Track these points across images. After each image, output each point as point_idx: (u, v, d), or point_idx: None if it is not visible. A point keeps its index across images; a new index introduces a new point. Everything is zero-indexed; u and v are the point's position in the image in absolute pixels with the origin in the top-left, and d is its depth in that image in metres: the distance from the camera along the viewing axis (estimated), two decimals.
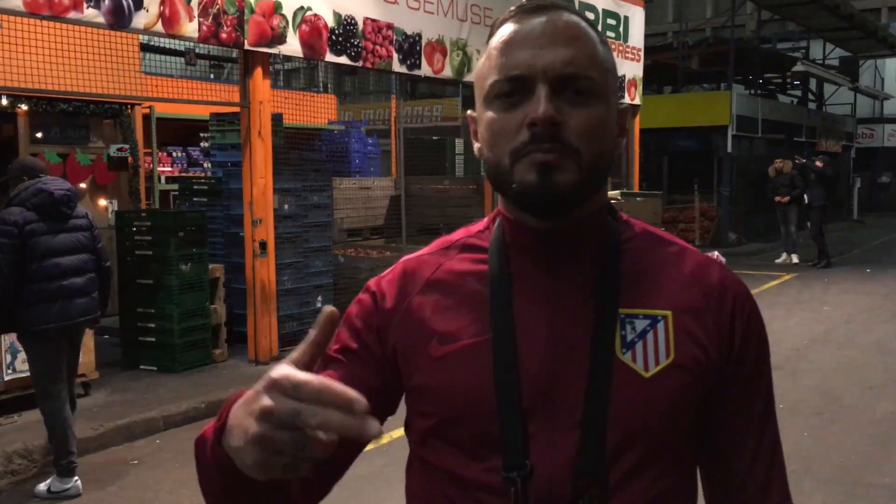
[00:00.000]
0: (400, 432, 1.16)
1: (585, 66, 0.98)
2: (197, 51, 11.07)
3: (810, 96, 23.85)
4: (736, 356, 1.04)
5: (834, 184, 13.85)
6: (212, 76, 14.31)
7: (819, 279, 12.60)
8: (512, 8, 1.03)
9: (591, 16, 10.98)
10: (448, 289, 1.06)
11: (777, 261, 14.19)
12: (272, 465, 0.71)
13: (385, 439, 4.70)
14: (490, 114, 1.00)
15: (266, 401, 0.69)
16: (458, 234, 1.14)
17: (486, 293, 1.04)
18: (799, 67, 19.78)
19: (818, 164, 13.78)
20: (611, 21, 11.47)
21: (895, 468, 4.82)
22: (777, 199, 13.65)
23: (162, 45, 9.81)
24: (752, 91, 20.63)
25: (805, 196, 13.54)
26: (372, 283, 1.12)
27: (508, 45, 1.00)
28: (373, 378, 1.05)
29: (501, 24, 1.04)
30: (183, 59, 11.11)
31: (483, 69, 1.03)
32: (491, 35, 1.04)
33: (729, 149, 17.32)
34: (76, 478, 4.55)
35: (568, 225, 1.03)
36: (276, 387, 0.69)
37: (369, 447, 1.08)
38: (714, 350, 1.02)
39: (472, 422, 1.00)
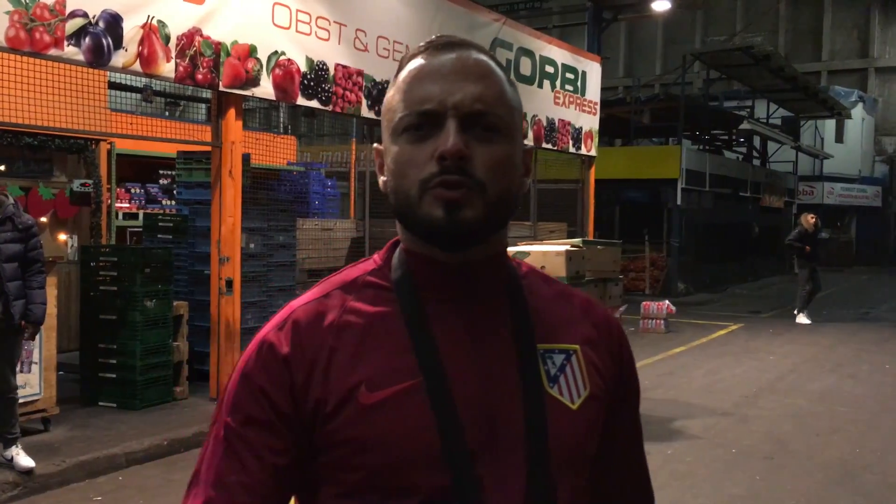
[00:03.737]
0: None
1: (494, 104, 0.99)
2: (153, 88, 11.15)
3: (755, 153, 24.79)
4: (624, 384, 1.12)
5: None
6: (166, 114, 14.32)
7: (765, 329, 13.01)
8: (421, 43, 1.05)
9: (550, 70, 11.33)
10: (361, 332, 1.00)
11: (798, 321, 13.80)
12: None
13: None
14: (399, 147, 1.00)
15: None
16: (353, 273, 1.08)
17: (402, 334, 1.00)
18: (745, 126, 20.60)
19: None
20: (569, 75, 11.84)
21: None
22: (807, 248, 13.77)
23: (120, 81, 9.82)
24: (700, 146, 21.35)
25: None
26: (270, 335, 1.03)
27: (419, 80, 1.00)
28: (285, 452, 0.98)
29: (411, 58, 1.04)
30: (140, 96, 11.17)
31: (392, 102, 1.03)
32: (400, 69, 1.05)
33: (679, 201, 17.86)
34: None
35: (477, 261, 1.02)
36: None
37: None
38: (610, 379, 1.08)
39: (414, 470, 0.95)
